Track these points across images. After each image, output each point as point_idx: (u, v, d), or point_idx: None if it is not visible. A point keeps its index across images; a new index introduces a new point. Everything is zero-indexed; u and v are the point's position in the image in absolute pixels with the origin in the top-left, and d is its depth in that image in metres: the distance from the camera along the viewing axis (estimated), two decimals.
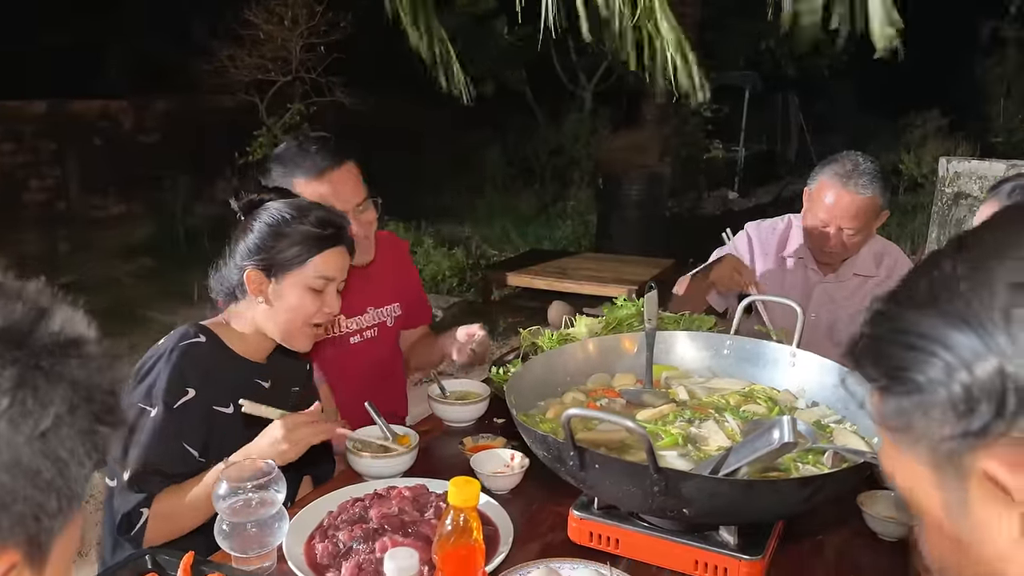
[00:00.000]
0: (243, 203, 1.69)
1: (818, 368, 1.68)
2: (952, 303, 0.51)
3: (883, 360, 0.55)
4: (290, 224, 1.63)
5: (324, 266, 1.65)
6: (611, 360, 1.81)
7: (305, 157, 1.99)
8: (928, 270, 0.55)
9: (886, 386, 0.55)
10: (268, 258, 1.63)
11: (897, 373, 0.54)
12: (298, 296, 1.64)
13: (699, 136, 10.70)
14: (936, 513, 0.55)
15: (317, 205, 1.70)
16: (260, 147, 7.23)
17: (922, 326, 0.53)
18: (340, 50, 7.22)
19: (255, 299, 1.65)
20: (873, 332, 0.57)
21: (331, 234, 1.66)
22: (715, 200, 11.40)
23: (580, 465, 1.25)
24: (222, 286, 1.70)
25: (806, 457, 1.41)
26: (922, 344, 0.52)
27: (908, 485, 0.58)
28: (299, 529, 1.44)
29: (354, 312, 2.18)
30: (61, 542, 0.61)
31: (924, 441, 0.53)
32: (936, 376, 0.51)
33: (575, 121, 10.57)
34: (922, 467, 0.55)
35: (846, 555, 1.44)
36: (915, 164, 9.35)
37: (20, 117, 7.21)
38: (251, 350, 1.71)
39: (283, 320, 1.66)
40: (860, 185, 2.19)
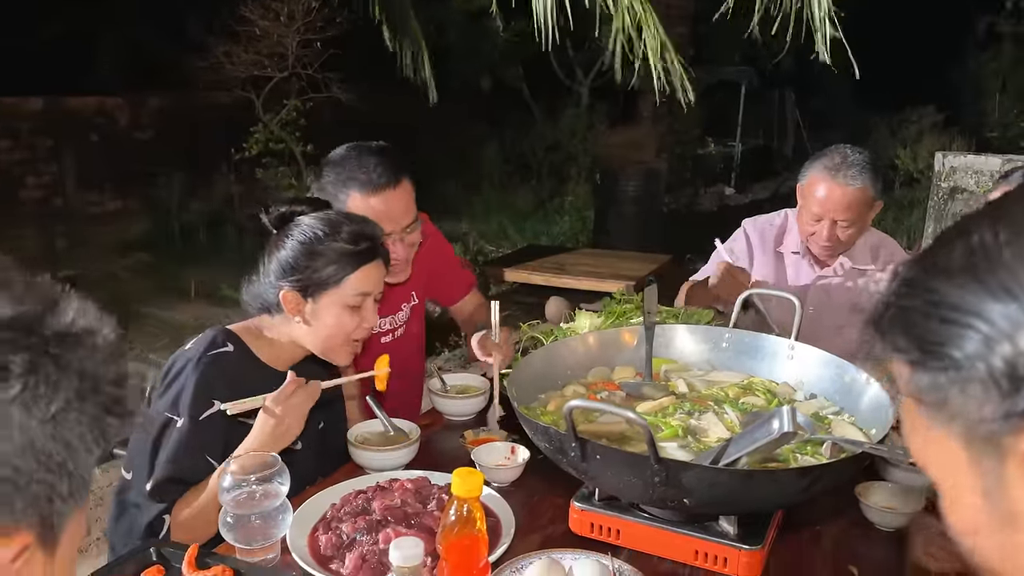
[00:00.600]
0: (274, 217, 1.68)
1: (816, 361, 1.70)
2: (994, 273, 0.48)
3: (915, 332, 0.52)
4: (323, 242, 1.62)
5: (361, 283, 1.65)
6: (611, 353, 1.82)
7: (364, 170, 1.95)
8: (963, 238, 0.52)
9: (919, 360, 0.52)
10: (303, 278, 1.62)
11: (931, 348, 0.51)
12: (336, 315, 1.65)
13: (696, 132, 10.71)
14: (972, 493, 0.52)
15: (348, 218, 1.68)
16: (256, 143, 7.21)
17: (959, 297, 0.49)
18: (336, 46, 7.20)
19: (292, 318, 1.66)
20: (903, 302, 0.54)
21: (366, 249, 1.65)
22: (712, 196, 11.42)
23: (582, 456, 1.26)
24: (256, 300, 1.69)
25: (805, 448, 1.42)
26: (959, 317, 0.49)
27: (936, 462, 0.55)
28: (303, 521, 1.45)
29: (386, 312, 2.16)
30: (71, 527, 0.62)
31: (960, 420, 0.50)
32: (975, 351, 0.48)
33: (572, 117, 10.57)
34: (955, 445, 0.52)
35: (844, 545, 1.46)
36: (911, 159, 9.37)
37: (16, 114, 7.19)
38: (279, 358, 1.71)
39: (323, 338, 1.67)
40: (850, 177, 2.20)
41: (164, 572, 1.30)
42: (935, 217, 5.11)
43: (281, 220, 1.68)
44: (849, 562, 1.40)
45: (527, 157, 10.95)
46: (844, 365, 1.64)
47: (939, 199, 5.08)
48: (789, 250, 2.47)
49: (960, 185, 4.98)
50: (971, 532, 0.55)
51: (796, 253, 2.45)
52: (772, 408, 1.60)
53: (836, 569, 1.38)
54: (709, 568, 1.34)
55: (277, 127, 7.30)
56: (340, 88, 7.36)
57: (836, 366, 1.65)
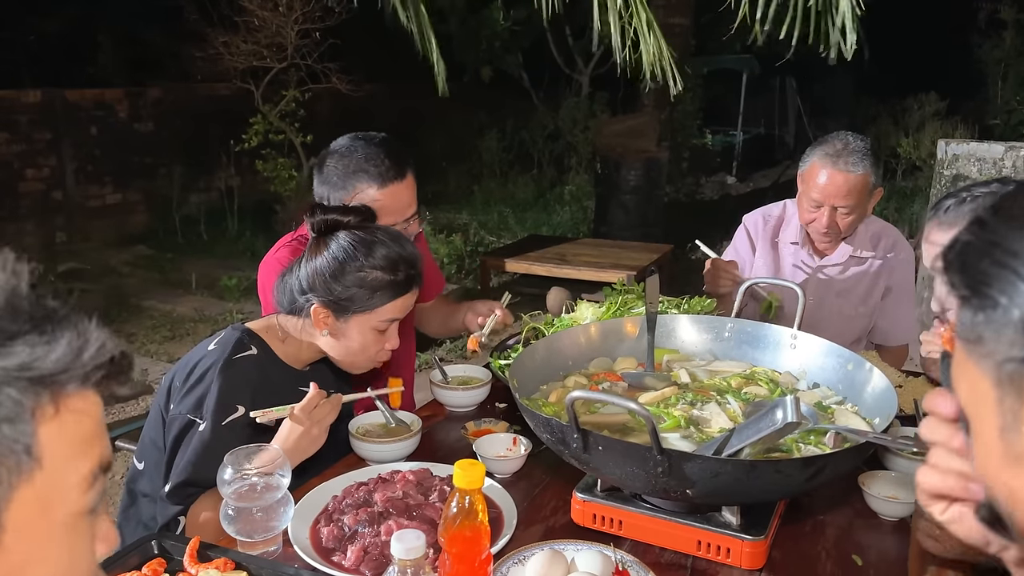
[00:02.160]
0: (318, 221, 1.67)
1: (819, 350, 1.69)
2: None
3: (969, 270, 0.54)
4: (362, 266, 1.61)
5: (394, 311, 1.67)
6: (612, 344, 1.81)
7: (372, 163, 1.94)
8: None
9: (967, 296, 0.54)
10: (337, 297, 1.62)
11: (979, 287, 0.53)
12: (363, 336, 1.66)
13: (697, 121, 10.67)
14: (991, 427, 0.55)
15: (387, 241, 1.66)
16: (256, 135, 7.20)
17: (1014, 242, 0.52)
18: (335, 36, 7.18)
19: (319, 331, 1.66)
20: (968, 240, 0.55)
21: (404, 279, 1.65)
22: (713, 185, 11.40)
23: (584, 447, 1.25)
24: (286, 300, 1.69)
25: (808, 438, 1.42)
26: (1009, 261, 0.51)
27: (968, 395, 0.58)
28: (304, 513, 1.45)
29: None
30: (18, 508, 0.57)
31: (991, 358, 0.53)
32: (1016, 297, 0.50)
33: (572, 106, 10.54)
34: (986, 381, 0.54)
35: (847, 534, 1.46)
36: (913, 147, 9.34)
37: (15, 106, 7.18)
38: (298, 357, 1.72)
39: (346, 354, 1.69)
40: (851, 163, 2.19)
41: (166, 564, 1.30)
42: None
43: (325, 227, 1.67)
44: (852, 551, 1.40)
45: (527, 146, 10.93)
46: (847, 354, 1.63)
47: (942, 187, 5.06)
48: (788, 240, 2.46)
49: (963, 173, 4.95)
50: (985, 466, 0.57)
51: (795, 243, 2.44)
52: (775, 398, 1.59)
53: (839, 559, 1.38)
54: (712, 559, 1.34)
55: (276, 118, 7.29)
56: (339, 79, 7.33)
57: (839, 355, 1.65)
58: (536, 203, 9.61)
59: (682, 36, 7.86)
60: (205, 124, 8.20)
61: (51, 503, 0.60)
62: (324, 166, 1.99)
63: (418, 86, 6.66)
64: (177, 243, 7.82)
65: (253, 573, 1.26)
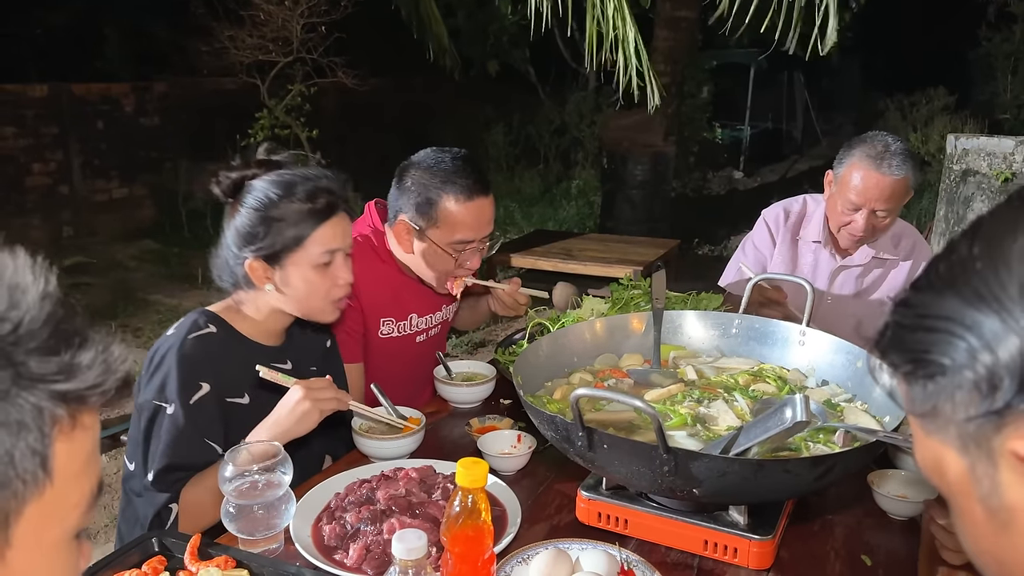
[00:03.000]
0: (226, 185, 1.62)
1: (828, 347, 1.66)
2: (969, 283, 0.51)
3: (906, 346, 0.54)
4: (279, 205, 1.56)
5: (324, 240, 1.59)
6: (618, 340, 1.79)
7: (462, 175, 1.92)
8: (947, 254, 0.55)
9: (911, 371, 0.54)
10: (264, 245, 1.56)
11: (920, 357, 0.53)
12: (305, 278, 1.60)
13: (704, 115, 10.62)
14: (970, 500, 0.54)
15: (303, 175, 1.61)
16: (262, 129, 7.19)
17: (942, 308, 0.52)
18: (341, 30, 7.16)
19: (263, 287, 1.61)
20: (896, 320, 0.56)
21: (324, 205, 1.59)
22: (720, 180, 11.34)
23: (589, 445, 1.23)
24: (225, 274, 1.65)
25: (817, 436, 1.40)
26: (943, 326, 0.51)
27: (940, 472, 0.57)
28: (306, 511, 1.43)
29: (428, 310, 2.14)
30: (25, 524, 0.56)
31: (952, 425, 0.52)
32: (959, 358, 0.50)
33: (579, 100, 10.50)
34: (953, 452, 0.54)
35: (856, 534, 1.43)
36: (921, 142, 9.27)
37: (22, 100, 7.18)
38: (266, 333, 1.68)
39: (298, 302, 1.63)
40: (894, 166, 2.13)
41: (166, 562, 1.28)
42: (947, 200, 5.05)
43: (234, 188, 1.62)
44: (861, 551, 1.38)
45: (534, 141, 10.89)
46: (856, 351, 1.61)
47: (951, 182, 5.02)
48: (809, 239, 2.40)
49: (973, 167, 4.91)
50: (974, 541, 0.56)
51: (817, 242, 2.39)
52: (783, 395, 1.57)
53: (848, 558, 1.36)
54: (719, 558, 1.32)
55: (282, 112, 7.27)
56: (345, 73, 7.31)
57: (848, 352, 1.62)
58: (542, 198, 9.58)
59: (688, 30, 7.81)
60: (211, 118, 8.19)
61: (52, 521, 0.59)
62: (406, 176, 1.96)
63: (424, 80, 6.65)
64: (183, 237, 7.82)
65: (254, 571, 1.25)
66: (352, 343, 2.00)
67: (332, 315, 1.68)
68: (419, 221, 1.94)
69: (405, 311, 2.09)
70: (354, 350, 2.01)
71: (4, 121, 7.04)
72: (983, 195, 4.84)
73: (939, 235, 5.10)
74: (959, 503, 0.56)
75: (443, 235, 1.94)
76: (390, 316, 2.06)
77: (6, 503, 0.55)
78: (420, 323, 2.13)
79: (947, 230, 5.03)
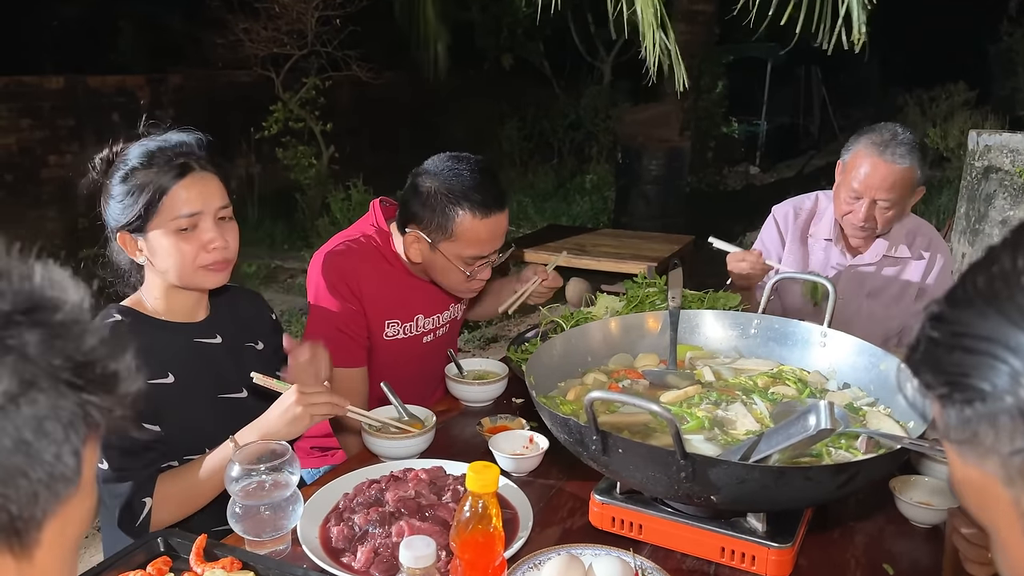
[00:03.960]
0: (99, 164, 1.57)
1: (850, 348, 1.62)
2: (1013, 299, 0.47)
3: (942, 367, 0.50)
4: (137, 172, 1.50)
5: (182, 204, 1.50)
6: (633, 340, 1.75)
7: (479, 191, 1.85)
8: (986, 266, 0.50)
9: (947, 395, 0.50)
10: (126, 218, 1.51)
11: (958, 380, 0.49)
12: (168, 245, 1.51)
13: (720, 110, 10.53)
14: (1015, 532, 0.50)
15: (162, 140, 1.54)
16: (276, 122, 7.18)
17: (983, 328, 0.48)
18: (355, 23, 7.13)
19: (138, 259, 1.56)
20: (930, 336, 0.52)
21: (177, 165, 1.50)
22: (736, 175, 11.25)
23: (603, 449, 1.20)
24: (119, 262, 1.61)
25: (839, 442, 1.35)
26: (984, 347, 0.47)
27: (981, 502, 0.53)
28: (314, 512, 1.41)
29: (434, 310, 2.10)
30: (54, 524, 0.57)
31: (993, 455, 0.48)
32: (1001, 383, 0.46)
33: (593, 94, 10.43)
34: (997, 483, 0.50)
35: (878, 542, 1.39)
36: (941, 138, 9.15)
37: (38, 93, 7.20)
38: (179, 311, 1.61)
39: (168, 271, 1.55)
40: (898, 155, 2.09)
41: (171, 563, 1.26)
42: (968, 197, 4.97)
43: (107, 165, 1.56)
44: (883, 560, 1.34)
45: (548, 135, 10.84)
46: (879, 353, 1.56)
47: (972, 179, 4.94)
48: (821, 236, 2.36)
49: (995, 164, 4.82)
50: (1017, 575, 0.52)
51: (828, 240, 2.35)
52: (803, 398, 1.53)
53: (870, 567, 1.32)
54: (736, 566, 1.28)
55: (296, 106, 7.26)
56: (359, 66, 7.29)
57: (871, 354, 1.57)
58: (556, 193, 9.53)
59: (706, 23, 7.74)
60: (226, 111, 8.20)
61: (71, 526, 0.59)
62: (422, 185, 1.88)
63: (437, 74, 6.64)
64: None
65: (260, 573, 1.23)
66: (354, 347, 1.95)
67: (213, 281, 1.59)
68: (432, 234, 1.88)
69: (411, 312, 2.04)
70: (356, 354, 1.96)
71: (20, 113, 7.06)
72: (1005, 192, 4.75)
73: (959, 233, 5.02)
74: (1002, 536, 0.52)
75: (457, 249, 1.88)
76: (395, 318, 2.01)
77: (47, 501, 0.55)
78: (427, 324, 2.08)
79: (967, 228, 4.95)
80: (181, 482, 1.50)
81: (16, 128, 7.07)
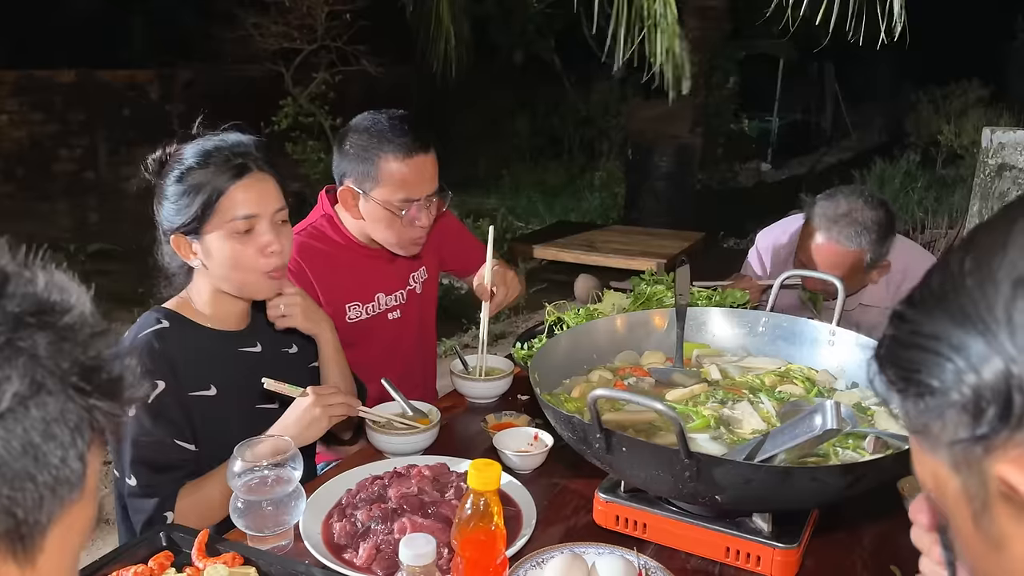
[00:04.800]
0: (153, 164, 1.55)
1: (858, 347, 1.60)
2: (958, 302, 0.50)
3: (900, 363, 0.54)
4: (193, 172, 1.47)
5: (239, 205, 1.48)
6: (640, 337, 1.74)
7: (397, 134, 1.89)
8: (940, 269, 0.54)
9: (904, 389, 0.54)
10: (182, 220, 1.49)
11: (912, 376, 0.53)
12: (223, 248, 1.49)
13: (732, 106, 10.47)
14: (965, 519, 0.54)
15: (220, 140, 1.52)
16: (285, 117, 7.19)
17: (932, 327, 0.52)
18: (365, 18, 7.12)
19: (191, 262, 1.54)
20: (892, 334, 0.56)
21: (235, 165, 1.48)
22: (748, 172, 11.18)
23: (607, 448, 1.19)
24: (168, 262, 1.58)
25: (846, 442, 1.34)
26: (933, 345, 0.51)
27: (936, 490, 0.57)
28: (317, 507, 1.40)
29: (394, 287, 2.11)
30: (57, 530, 0.56)
31: (942, 445, 0.52)
32: (947, 379, 0.50)
33: (604, 90, 10.39)
34: (947, 472, 0.53)
35: (885, 543, 1.38)
36: (954, 135, 9.07)
37: (49, 87, 7.23)
38: (225, 319, 1.60)
39: (224, 277, 1.53)
40: (844, 236, 1.99)
41: (173, 558, 1.26)
42: (981, 195, 4.92)
43: (160, 166, 1.54)
44: (891, 562, 1.32)
45: (558, 131, 10.80)
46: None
47: (986, 176, 4.89)
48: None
49: (1009, 162, 4.78)
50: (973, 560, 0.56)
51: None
52: (811, 397, 1.51)
53: (876, 569, 1.31)
54: (741, 566, 1.27)
55: (306, 101, 7.26)
56: (369, 61, 7.28)
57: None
58: (566, 189, 9.49)
59: (716, 19, 7.69)
60: (235, 106, 8.20)
61: (74, 533, 0.59)
62: (345, 142, 1.95)
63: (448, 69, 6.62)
64: None
65: (262, 569, 1.22)
66: None
67: (268, 291, 1.58)
68: (362, 184, 1.92)
69: (370, 292, 2.06)
70: None
71: (32, 107, 7.10)
72: (1019, 190, 4.69)
73: None
74: (956, 522, 0.56)
75: (386, 195, 1.91)
76: (355, 300, 2.03)
77: (51, 506, 0.55)
78: (389, 300, 2.09)
79: None
80: (201, 494, 1.48)
81: (27, 122, 7.11)
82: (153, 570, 1.22)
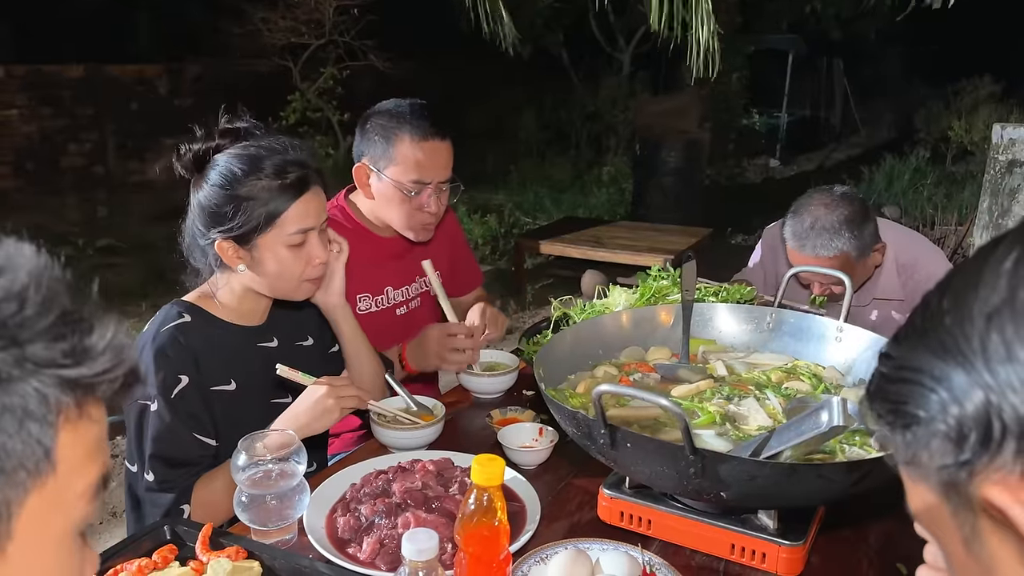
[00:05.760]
0: (188, 160, 1.51)
1: (866, 344, 1.58)
2: (939, 337, 0.53)
3: (888, 397, 0.57)
4: (245, 182, 1.46)
5: (298, 220, 1.50)
6: (645, 332, 1.73)
7: (417, 117, 1.96)
8: (923, 307, 0.57)
9: (892, 421, 0.56)
10: (233, 226, 1.47)
11: (899, 408, 0.55)
12: (278, 258, 1.51)
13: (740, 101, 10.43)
14: (957, 544, 0.56)
15: (269, 149, 1.50)
16: (293, 112, 7.20)
17: (916, 361, 0.54)
18: (373, 13, 7.12)
19: (235, 268, 1.53)
20: (880, 371, 0.59)
21: (296, 180, 1.48)
22: (756, 168, 11.14)
23: (611, 443, 1.18)
24: (196, 255, 1.56)
25: (852, 439, 1.33)
26: (916, 378, 0.54)
27: (928, 519, 0.59)
28: (321, 501, 1.40)
29: (402, 282, 2.13)
30: (28, 515, 0.55)
31: (931, 473, 0.54)
32: (932, 410, 0.52)
33: (612, 85, 10.36)
34: (937, 499, 0.56)
35: (892, 541, 1.37)
36: (965, 131, 9.01)
37: (58, 82, 7.26)
38: (246, 314, 1.61)
39: (271, 284, 1.55)
40: (819, 246, 1.97)
41: (177, 551, 1.26)
42: (991, 191, 4.89)
43: (197, 161, 1.51)
44: (897, 560, 1.31)
45: (565, 126, 10.78)
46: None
47: (996, 173, 4.86)
48: None
49: (1019, 158, 4.74)
50: None
51: None
52: (818, 394, 1.50)
53: (882, 567, 1.30)
54: (746, 563, 1.26)
55: (314, 96, 7.27)
56: (377, 56, 7.28)
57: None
58: (573, 184, 9.48)
59: (728, 12, 7.65)
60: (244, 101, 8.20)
61: (55, 513, 0.57)
62: (367, 122, 2.00)
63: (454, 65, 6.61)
64: None
65: (266, 563, 1.22)
66: None
67: (304, 294, 1.61)
68: (378, 162, 1.97)
69: (380, 285, 2.09)
70: None
71: (41, 101, 7.12)
72: None
73: (982, 228, 4.94)
74: (947, 548, 0.58)
75: (399, 174, 1.96)
76: (366, 292, 2.06)
77: (7, 493, 0.53)
78: (397, 295, 2.13)
79: (990, 223, 4.87)
80: (217, 485, 1.48)
81: (36, 116, 7.14)
82: (157, 563, 1.22)
